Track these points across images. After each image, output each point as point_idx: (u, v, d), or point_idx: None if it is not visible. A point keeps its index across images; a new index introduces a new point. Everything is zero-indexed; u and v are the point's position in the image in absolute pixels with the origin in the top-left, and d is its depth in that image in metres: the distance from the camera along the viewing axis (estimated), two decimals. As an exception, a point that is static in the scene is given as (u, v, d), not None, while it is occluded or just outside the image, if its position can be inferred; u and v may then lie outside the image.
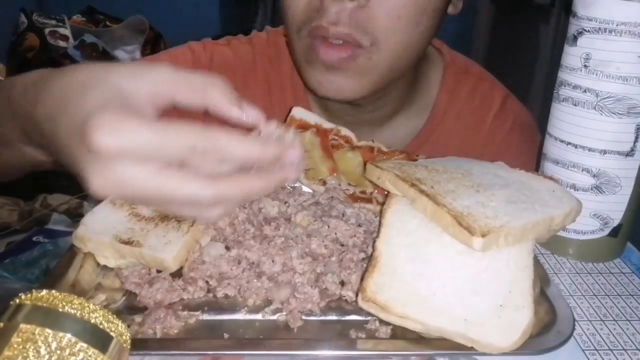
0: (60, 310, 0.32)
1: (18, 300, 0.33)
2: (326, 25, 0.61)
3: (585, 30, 0.51)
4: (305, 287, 0.46)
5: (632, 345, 0.44)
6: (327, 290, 0.47)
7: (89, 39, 2.27)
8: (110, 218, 0.53)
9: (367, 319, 0.45)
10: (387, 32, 0.62)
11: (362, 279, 0.45)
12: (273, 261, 0.49)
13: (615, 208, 0.54)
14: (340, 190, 0.59)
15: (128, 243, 0.49)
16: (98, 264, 0.51)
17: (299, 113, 0.66)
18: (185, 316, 0.45)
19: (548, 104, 0.57)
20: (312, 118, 0.66)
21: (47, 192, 1.81)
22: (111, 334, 0.34)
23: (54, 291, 0.33)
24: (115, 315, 0.34)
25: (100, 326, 0.33)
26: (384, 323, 0.43)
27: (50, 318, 0.32)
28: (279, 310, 0.46)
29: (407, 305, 0.42)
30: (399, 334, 0.43)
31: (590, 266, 0.55)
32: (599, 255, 0.56)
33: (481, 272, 0.44)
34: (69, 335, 0.32)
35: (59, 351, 0.31)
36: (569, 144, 0.54)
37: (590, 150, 0.53)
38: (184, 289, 0.47)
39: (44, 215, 1.69)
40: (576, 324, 0.44)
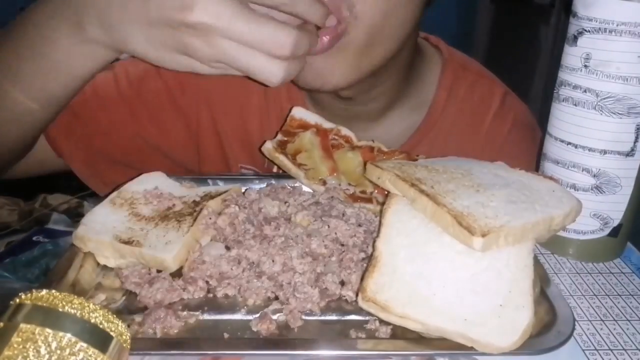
0: (60, 310, 0.32)
1: (18, 300, 0.33)
2: None
3: (585, 30, 0.51)
4: (305, 287, 0.46)
5: (632, 345, 0.44)
6: (327, 290, 0.47)
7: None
8: (110, 218, 0.53)
9: (367, 319, 0.45)
10: (364, 2, 0.57)
11: (362, 279, 0.45)
12: (273, 261, 0.49)
13: (615, 208, 0.54)
14: (341, 190, 0.59)
15: (128, 243, 0.49)
16: (98, 264, 0.51)
17: (299, 113, 0.66)
18: (185, 316, 0.45)
19: (548, 104, 0.57)
20: (312, 118, 0.66)
21: (47, 192, 1.81)
22: (111, 333, 0.34)
23: (54, 291, 0.33)
24: (115, 315, 0.34)
25: (100, 326, 0.33)
26: (384, 323, 0.43)
27: (50, 318, 0.32)
28: (279, 310, 0.46)
29: (407, 305, 0.42)
30: (399, 334, 0.43)
31: (590, 266, 0.55)
32: (599, 255, 0.56)
33: (481, 272, 0.44)
34: (69, 335, 0.32)
35: (59, 351, 0.31)
36: (569, 144, 0.54)
37: (590, 150, 0.53)
38: (184, 288, 0.47)
39: (44, 215, 1.69)
40: (576, 324, 0.44)
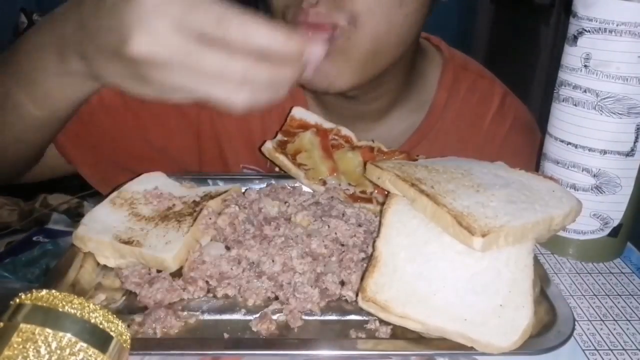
0: (60, 310, 0.33)
1: (18, 300, 0.33)
2: (306, 8, 0.59)
3: (585, 30, 0.51)
4: (305, 287, 0.46)
5: (632, 345, 0.44)
6: (327, 290, 0.47)
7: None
8: (110, 218, 0.53)
9: (367, 319, 0.45)
10: (367, 11, 0.60)
11: (362, 279, 0.45)
12: (273, 261, 0.49)
13: (615, 208, 0.54)
14: (340, 190, 0.59)
15: (128, 243, 0.49)
16: (98, 264, 0.51)
17: (299, 113, 0.66)
18: (185, 316, 0.45)
19: (548, 104, 0.57)
20: (312, 118, 0.66)
21: (47, 192, 1.81)
22: (111, 333, 0.34)
23: (54, 291, 0.33)
24: (115, 315, 0.34)
25: (100, 326, 0.33)
26: (384, 323, 0.43)
27: (50, 318, 0.32)
28: (279, 310, 0.46)
29: (407, 305, 0.42)
30: (399, 334, 0.43)
31: (590, 266, 0.55)
32: (599, 255, 0.56)
33: (481, 272, 0.44)
34: (69, 335, 0.32)
35: (59, 351, 0.31)
36: (569, 144, 0.54)
37: (590, 150, 0.53)
38: (184, 288, 0.47)
39: (44, 215, 1.69)
40: (576, 324, 0.44)
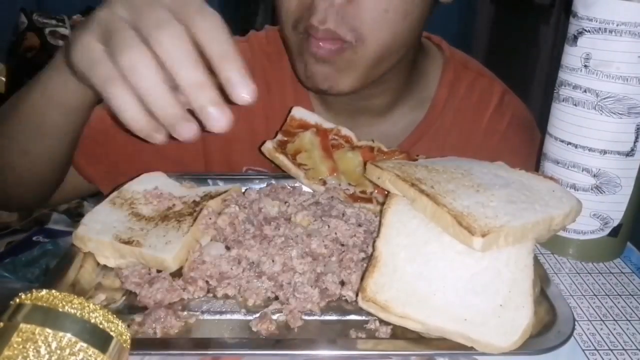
0: (60, 310, 0.32)
1: (18, 300, 0.33)
2: (316, 24, 0.62)
3: (585, 30, 0.51)
4: (305, 287, 0.46)
5: (632, 345, 0.44)
6: (327, 290, 0.47)
7: (88, 39, 2.27)
8: (110, 218, 0.53)
9: (367, 319, 0.45)
10: (374, 27, 0.62)
11: (362, 279, 0.45)
12: (273, 261, 0.49)
13: (615, 208, 0.54)
14: (340, 190, 0.59)
15: (128, 243, 0.49)
16: (98, 264, 0.51)
17: (299, 113, 0.66)
18: (185, 316, 0.45)
19: (548, 104, 0.57)
20: (312, 118, 0.66)
21: (47, 192, 1.81)
22: (111, 333, 0.34)
23: (54, 291, 0.33)
24: (115, 315, 0.34)
25: (100, 326, 0.33)
26: (384, 323, 0.43)
27: (50, 318, 0.32)
28: (279, 310, 0.46)
29: (407, 305, 0.42)
30: (399, 334, 0.43)
31: (590, 266, 0.55)
32: (599, 255, 0.56)
33: (481, 272, 0.44)
34: (69, 335, 0.32)
35: (59, 351, 0.31)
36: (569, 144, 0.54)
37: (590, 150, 0.53)
38: (184, 288, 0.47)
39: (44, 214, 1.69)
40: (576, 324, 0.44)
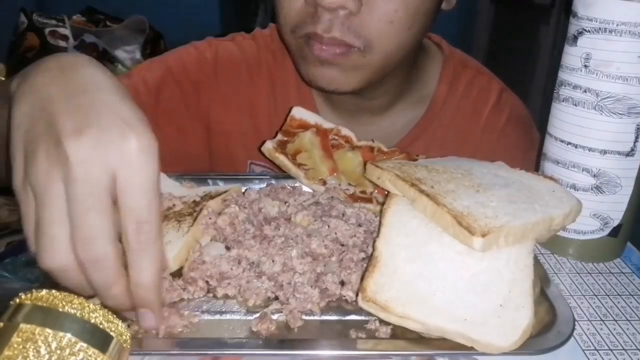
0: (60, 310, 0.32)
1: (18, 300, 0.33)
2: (320, 33, 0.62)
3: (585, 30, 0.51)
4: (305, 287, 0.46)
5: (632, 345, 0.44)
6: (327, 290, 0.47)
7: (89, 39, 2.26)
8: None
9: (367, 319, 0.45)
10: (380, 37, 0.63)
11: (362, 279, 0.45)
12: (273, 261, 0.49)
13: (615, 208, 0.54)
14: (340, 190, 0.59)
15: (128, 243, 0.49)
16: (98, 264, 0.51)
17: (299, 113, 0.66)
18: (186, 316, 0.45)
19: (548, 104, 0.57)
20: (312, 118, 0.66)
21: (47, 192, 1.81)
22: (111, 333, 0.34)
23: (54, 291, 0.33)
24: (115, 315, 0.34)
25: (100, 326, 0.33)
26: (384, 323, 0.43)
27: (50, 318, 0.32)
28: (279, 310, 0.45)
29: (407, 305, 0.42)
30: (399, 334, 0.43)
31: (590, 266, 0.55)
32: (599, 255, 0.56)
33: (481, 272, 0.44)
34: (69, 335, 0.32)
35: (59, 351, 0.31)
36: (569, 144, 0.54)
37: (590, 150, 0.53)
38: (184, 288, 0.47)
39: (44, 215, 1.68)
40: (576, 324, 0.44)
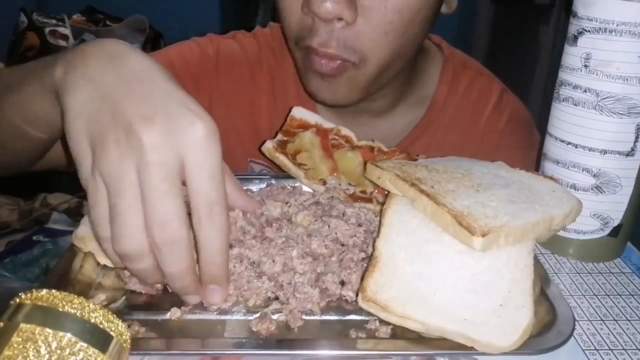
0: (60, 309, 0.32)
1: (18, 300, 0.33)
2: (316, 47, 0.63)
3: (585, 30, 0.51)
4: (306, 287, 0.46)
5: (632, 345, 0.44)
6: (328, 290, 0.47)
7: (89, 38, 2.27)
8: (110, 218, 0.53)
9: (367, 319, 0.45)
10: (375, 48, 0.64)
11: (362, 278, 0.45)
12: (273, 261, 0.49)
13: (615, 208, 0.54)
14: (341, 190, 0.59)
15: (128, 243, 0.49)
16: (98, 264, 0.51)
17: (299, 113, 0.66)
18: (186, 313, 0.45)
19: (548, 104, 0.57)
20: (312, 118, 0.66)
21: (47, 192, 1.81)
22: (111, 333, 0.34)
23: (54, 291, 0.33)
24: (115, 315, 0.34)
25: (100, 326, 0.33)
26: (384, 323, 0.43)
27: (50, 318, 0.32)
28: (279, 310, 0.45)
29: (407, 305, 0.42)
30: (399, 334, 0.43)
31: (590, 266, 0.55)
32: (599, 255, 0.56)
33: (481, 272, 0.44)
34: (69, 334, 0.32)
35: (59, 351, 0.31)
36: (569, 143, 0.54)
37: (590, 150, 0.53)
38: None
39: (44, 214, 1.69)
40: (576, 323, 0.44)
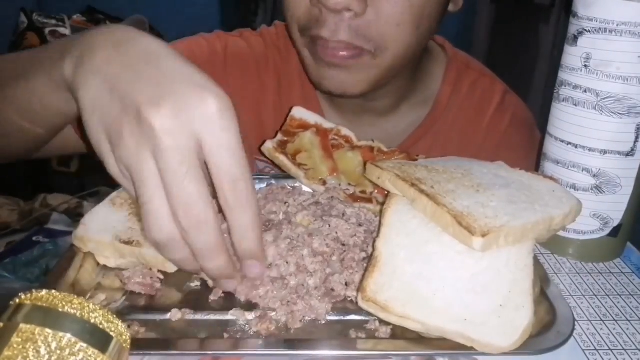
0: (60, 310, 0.32)
1: (18, 300, 0.33)
2: (326, 36, 0.62)
3: (585, 30, 0.51)
4: (314, 300, 0.45)
5: (632, 345, 0.44)
6: (333, 292, 0.47)
7: (89, 38, 2.27)
8: (111, 218, 0.53)
9: (367, 319, 0.45)
10: (389, 39, 0.63)
11: (362, 278, 0.45)
12: (287, 262, 0.48)
13: (615, 208, 0.54)
14: (341, 190, 0.59)
15: (128, 243, 0.49)
16: (98, 264, 0.51)
17: (299, 113, 0.66)
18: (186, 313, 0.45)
19: (548, 104, 0.57)
20: (312, 118, 0.66)
21: (47, 192, 1.81)
22: (111, 334, 0.34)
23: (54, 291, 0.33)
24: (115, 315, 0.34)
25: (100, 326, 0.33)
26: (384, 323, 0.43)
27: (50, 318, 0.32)
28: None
29: (407, 305, 0.42)
30: (399, 334, 0.43)
31: (590, 266, 0.55)
32: (599, 255, 0.56)
33: (481, 272, 0.44)
34: (69, 335, 0.32)
35: (59, 351, 0.31)
36: (569, 144, 0.54)
37: (590, 150, 0.53)
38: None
39: (44, 215, 1.69)
40: (576, 324, 0.44)
